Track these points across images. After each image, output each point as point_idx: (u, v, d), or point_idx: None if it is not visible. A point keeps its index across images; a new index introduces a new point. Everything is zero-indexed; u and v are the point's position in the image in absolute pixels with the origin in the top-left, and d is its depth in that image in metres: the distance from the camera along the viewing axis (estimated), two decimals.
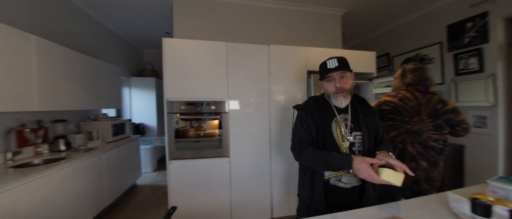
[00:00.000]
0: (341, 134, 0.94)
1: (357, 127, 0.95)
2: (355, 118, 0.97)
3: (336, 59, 0.93)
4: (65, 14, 2.25)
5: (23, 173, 1.35)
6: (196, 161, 1.77)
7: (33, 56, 1.55)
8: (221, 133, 1.84)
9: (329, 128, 0.95)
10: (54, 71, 1.75)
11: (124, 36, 3.51)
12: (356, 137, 0.94)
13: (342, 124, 0.95)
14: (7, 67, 1.37)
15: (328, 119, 0.96)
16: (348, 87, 0.94)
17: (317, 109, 0.97)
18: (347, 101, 0.95)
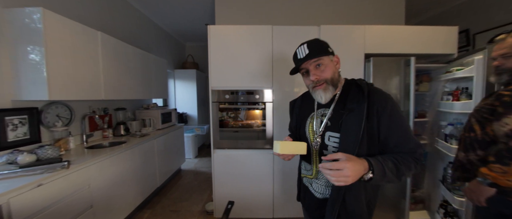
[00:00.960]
0: (313, 132, 0.80)
1: (335, 126, 0.73)
2: (337, 115, 0.74)
3: (305, 45, 0.74)
4: (123, 13, 2.47)
5: (95, 153, 1.55)
6: (238, 151, 1.75)
7: (99, 50, 1.74)
8: (265, 123, 1.77)
9: (304, 123, 0.85)
10: (115, 63, 1.94)
11: (169, 31, 3.74)
12: (330, 139, 0.74)
13: (317, 121, 0.80)
14: (82, 61, 1.56)
15: (306, 114, 0.85)
16: (328, 76, 0.73)
17: (300, 104, 0.91)
18: (329, 94, 0.75)
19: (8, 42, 1.29)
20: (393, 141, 0.68)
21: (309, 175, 0.83)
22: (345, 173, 0.56)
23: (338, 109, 0.74)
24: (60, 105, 1.65)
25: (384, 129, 0.67)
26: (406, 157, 0.66)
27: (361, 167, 0.59)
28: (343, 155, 0.60)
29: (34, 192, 1.04)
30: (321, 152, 0.77)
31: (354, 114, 0.68)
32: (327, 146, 0.75)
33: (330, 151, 0.74)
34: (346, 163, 0.57)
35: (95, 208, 1.42)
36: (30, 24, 1.28)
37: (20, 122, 1.36)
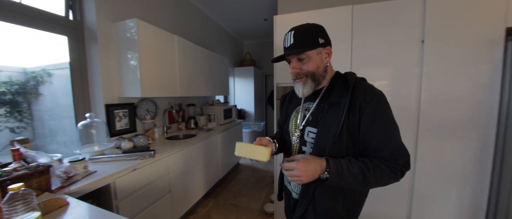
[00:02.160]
0: (295, 127, 0.78)
1: (314, 122, 0.70)
2: (318, 109, 0.71)
3: (292, 33, 0.67)
4: (193, 16, 2.73)
5: (173, 144, 1.75)
6: None
7: (176, 52, 1.95)
8: None
9: (289, 118, 0.83)
10: (188, 63, 2.15)
11: (229, 30, 3.93)
12: (309, 134, 0.71)
13: (300, 115, 0.77)
14: (163, 63, 1.79)
15: (292, 109, 0.83)
16: (310, 69, 0.68)
17: (290, 98, 0.87)
18: (307, 88, 0.70)
19: (115, 50, 1.61)
20: (373, 143, 0.62)
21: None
22: (295, 173, 0.60)
23: (321, 103, 0.71)
24: (148, 101, 1.96)
25: (363, 128, 0.62)
26: (380, 165, 0.60)
27: (316, 167, 0.60)
28: (301, 156, 0.63)
29: (130, 175, 1.24)
30: (300, 149, 0.75)
31: (334, 109, 0.65)
32: (305, 142, 0.72)
33: (308, 147, 0.72)
34: (296, 163, 0.60)
35: (173, 193, 1.61)
36: (128, 34, 1.53)
37: (123, 115, 1.69)
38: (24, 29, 1.29)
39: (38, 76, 1.93)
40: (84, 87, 1.54)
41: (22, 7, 1.22)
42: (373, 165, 0.59)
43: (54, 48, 1.81)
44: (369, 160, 0.61)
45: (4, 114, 1.81)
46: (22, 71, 1.89)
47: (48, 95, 1.96)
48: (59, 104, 1.95)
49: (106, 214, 0.76)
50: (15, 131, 1.87)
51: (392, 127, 0.62)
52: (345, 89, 0.65)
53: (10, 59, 1.80)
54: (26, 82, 1.92)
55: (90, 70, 1.54)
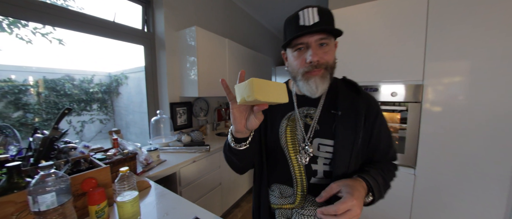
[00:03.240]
0: (293, 141, 0.58)
1: (326, 132, 0.56)
2: (327, 116, 0.57)
3: (316, 10, 0.51)
4: (240, 19, 2.85)
5: (221, 140, 1.89)
6: None
7: (226, 54, 2.08)
8: (404, 132, 1.30)
9: (276, 128, 0.61)
10: (236, 64, 2.27)
11: (272, 29, 3.95)
12: (321, 147, 0.56)
13: (299, 124, 0.59)
14: (215, 64, 1.94)
15: (278, 115, 0.62)
16: (330, 60, 0.54)
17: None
18: (325, 85, 0.55)
19: (178, 55, 1.83)
20: (381, 146, 0.59)
21: (287, 205, 0.60)
22: (355, 212, 0.43)
23: (328, 109, 0.58)
24: (202, 100, 2.16)
25: (376, 133, 0.58)
26: (390, 168, 0.60)
27: (363, 192, 0.48)
28: (340, 186, 0.48)
29: (190, 166, 1.40)
30: (308, 168, 0.58)
31: (351, 115, 0.56)
32: (316, 158, 0.57)
33: (320, 164, 0.57)
34: (353, 198, 0.43)
35: (222, 185, 1.74)
36: (189, 40, 1.72)
37: (183, 112, 1.91)
38: (111, 42, 1.59)
39: (119, 79, 2.37)
40: (155, 88, 1.81)
41: (115, 25, 1.51)
42: (387, 170, 0.58)
43: (129, 56, 2.20)
44: (380, 167, 0.58)
45: (96, 108, 2.29)
46: (107, 75, 2.36)
47: (125, 94, 2.38)
48: (132, 101, 2.35)
49: (178, 198, 0.88)
50: (103, 122, 2.35)
51: (390, 131, 0.63)
52: (353, 93, 0.59)
53: (100, 66, 2.27)
54: (110, 84, 2.38)
55: (159, 74, 1.80)
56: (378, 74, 1.34)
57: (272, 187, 0.63)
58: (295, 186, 0.59)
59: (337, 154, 0.54)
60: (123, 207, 0.67)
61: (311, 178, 0.58)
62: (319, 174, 0.58)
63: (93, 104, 2.23)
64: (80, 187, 0.70)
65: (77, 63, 2.00)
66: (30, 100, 1.73)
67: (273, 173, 0.63)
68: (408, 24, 1.22)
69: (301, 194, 0.58)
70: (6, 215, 0.56)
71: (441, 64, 1.16)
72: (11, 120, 1.62)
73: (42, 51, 1.56)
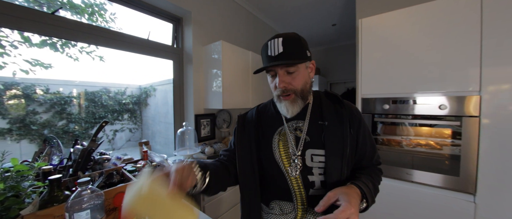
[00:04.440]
0: (287, 155, 0.60)
1: (316, 142, 0.59)
2: (315, 128, 0.61)
3: (280, 40, 0.57)
4: (262, 32, 2.89)
5: None
6: (405, 184, 1.25)
7: (249, 67, 2.09)
8: (458, 150, 1.11)
9: (269, 144, 0.63)
10: (258, 77, 2.27)
11: None
12: (314, 158, 0.59)
13: (290, 137, 0.61)
14: (239, 77, 1.94)
15: (269, 131, 0.64)
16: (298, 87, 0.59)
17: (258, 119, 0.68)
18: (296, 108, 0.61)
19: (203, 69, 1.88)
20: (367, 152, 0.64)
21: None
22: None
23: (315, 121, 0.62)
24: (225, 112, 2.17)
25: (361, 139, 0.62)
26: (377, 172, 0.65)
27: (358, 199, 0.51)
28: (337, 194, 0.49)
29: None
30: (305, 180, 0.59)
31: (336, 125, 0.60)
32: (311, 169, 0.59)
33: (316, 175, 0.58)
34: (351, 206, 0.45)
35: None
36: (214, 54, 1.77)
37: (206, 123, 1.93)
38: (143, 58, 1.69)
39: (148, 91, 2.51)
40: (181, 100, 1.87)
41: (148, 42, 1.62)
42: (375, 174, 0.63)
43: (158, 70, 2.33)
44: (367, 172, 0.62)
45: (127, 118, 2.43)
46: (138, 88, 2.52)
47: (152, 105, 2.50)
48: (159, 112, 2.46)
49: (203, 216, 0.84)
50: (132, 131, 2.48)
51: (372, 137, 0.67)
52: (334, 104, 0.64)
53: (132, 79, 2.44)
54: (140, 95, 2.53)
55: (185, 87, 1.86)
56: (419, 83, 1.20)
57: (271, 204, 0.63)
58: (294, 200, 0.60)
59: (329, 163, 0.57)
60: None
61: (309, 190, 0.59)
62: (317, 185, 0.59)
63: (124, 114, 2.38)
64: (112, 202, 0.70)
65: (113, 77, 2.18)
66: (73, 111, 1.90)
67: (271, 190, 0.63)
68: (457, 26, 1.09)
69: (301, 208, 0.59)
70: None
71: (503, 69, 0.99)
72: (56, 128, 1.79)
73: (85, 67, 1.72)
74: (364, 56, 1.37)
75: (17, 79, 1.48)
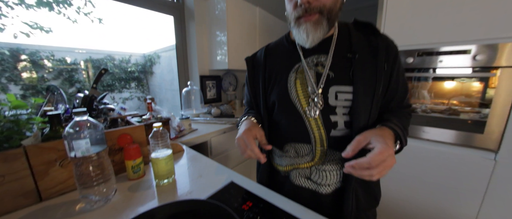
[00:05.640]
0: (305, 94, 0.53)
1: (343, 78, 0.51)
2: (341, 62, 0.52)
3: None
4: None
5: None
6: (422, 143, 1.17)
7: (257, 24, 1.92)
8: (487, 107, 0.98)
9: (284, 83, 0.56)
10: (266, 35, 2.10)
11: None
12: (339, 96, 0.51)
13: (308, 74, 0.53)
14: (245, 35, 1.81)
15: (284, 69, 0.57)
16: (327, 2, 0.47)
17: (266, 58, 0.61)
18: (319, 33, 0.49)
19: (207, 26, 1.75)
20: (399, 92, 0.55)
21: (305, 164, 0.56)
22: (390, 163, 0.39)
23: (341, 54, 0.52)
24: (231, 75, 2.09)
25: (394, 77, 0.52)
26: (407, 116, 0.57)
27: (392, 140, 0.46)
28: (368, 137, 0.43)
29: (221, 136, 1.36)
30: (327, 120, 0.52)
31: (369, 58, 0.50)
32: (334, 108, 0.51)
33: (340, 116, 0.51)
34: (388, 148, 0.40)
35: (251, 160, 1.69)
36: (218, 9, 1.61)
37: (212, 86, 1.88)
38: (144, 22, 1.59)
39: (152, 58, 2.45)
40: (185, 60, 1.79)
41: None
42: (404, 117, 0.55)
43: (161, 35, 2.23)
44: (397, 114, 0.55)
45: (134, 86, 2.43)
46: (142, 55, 2.45)
47: (157, 73, 2.46)
48: (164, 79, 2.43)
49: (212, 162, 0.83)
50: (140, 99, 2.49)
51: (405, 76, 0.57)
52: (367, 35, 0.52)
53: (136, 47, 2.37)
54: (145, 63, 2.48)
55: (189, 45, 1.77)
56: (449, 32, 1.03)
57: (286, 147, 0.59)
58: (313, 142, 0.54)
59: (358, 101, 0.49)
60: (157, 163, 0.64)
61: (330, 130, 0.53)
62: (340, 126, 0.53)
63: (131, 82, 2.37)
64: (117, 142, 0.69)
65: (116, 44, 2.13)
66: (80, 78, 1.90)
67: (285, 133, 0.59)
68: None
69: (320, 149, 0.54)
70: (50, 160, 0.56)
71: None
72: (67, 95, 1.82)
73: (87, 32, 1.68)
74: (389, 1, 1.18)
75: (21, 44, 1.46)
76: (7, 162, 0.50)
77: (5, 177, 0.50)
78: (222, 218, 0.43)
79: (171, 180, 0.68)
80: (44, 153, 0.55)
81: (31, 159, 0.53)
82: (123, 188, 0.64)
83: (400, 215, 1.28)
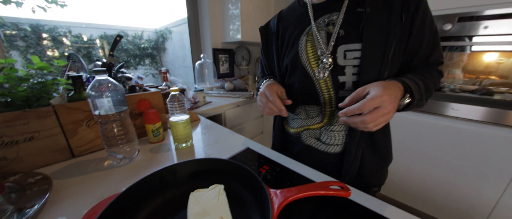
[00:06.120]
0: (315, 56, 0.52)
1: (352, 35, 0.48)
2: (352, 18, 0.48)
3: None
4: None
5: None
6: (452, 122, 1.09)
7: None
8: None
9: (296, 48, 0.55)
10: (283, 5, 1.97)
11: None
12: (347, 54, 0.48)
13: (319, 36, 0.51)
14: (258, 5, 1.70)
15: (296, 33, 0.56)
16: None
17: (279, 26, 0.60)
18: None
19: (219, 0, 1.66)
20: (422, 48, 0.48)
21: (315, 125, 0.57)
22: (385, 110, 0.37)
23: (353, 9, 0.48)
24: (244, 48, 2.03)
25: (417, 29, 0.46)
26: (433, 73, 0.50)
27: (398, 92, 0.41)
28: (368, 87, 0.40)
29: (235, 110, 1.37)
30: (335, 81, 0.51)
31: (382, 12, 0.45)
32: (343, 68, 0.50)
33: (349, 75, 0.49)
34: (382, 94, 0.37)
35: (264, 134, 1.71)
36: None
37: (225, 60, 1.85)
38: None
39: (164, 34, 2.41)
40: (197, 33, 1.75)
41: None
42: (429, 75, 0.49)
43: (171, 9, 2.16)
44: (420, 71, 0.50)
45: (148, 63, 2.45)
46: (154, 31, 2.43)
47: (170, 49, 2.44)
48: (177, 56, 2.42)
49: (228, 130, 0.84)
50: (154, 76, 2.54)
51: (436, 27, 0.49)
52: None
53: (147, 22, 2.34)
54: (157, 39, 2.46)
55: (201, 18, 1.70)
56: None
57: (297, 109, 0.61)
58: (322, 103, 0.55)
59: (366, 58, 0.47)
60: (176, 127, 0.65)
61: (338, 91, 0.52)
62: (347, 86, 0.51)
63: (145, 59, 2.39)
64: (137, 107, 0.71)
65: (128, 20, 2.11)
66: (98, 54, 1.94)
67: (297, 96, 0.58)
68: None
69: (329, 110, 0.55)
70: (77, 120, 0.59)
71: None
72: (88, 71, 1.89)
73: (99, 6, 1.68)
74: None
75: (40, 20, 1.49)
76: (40, 118, 0.53)
77: (40, 132, 0.54)
78: (243, 177, 0.43)
79: (189, 144, 0.70)
80: (71, 113, 0.58)
81: (60, 118, 0.56)
82: (145, 150, 0.67)
83: (413, 193, 1.26)
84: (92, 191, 0.47)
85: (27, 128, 0.52)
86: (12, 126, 0.50)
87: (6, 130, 0.49)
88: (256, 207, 0.38)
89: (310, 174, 0.53)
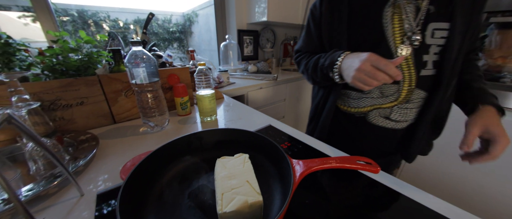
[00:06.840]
0: (402, 31, 0.47)
1: (443, 13, 0.46)
2: None
3: None
4: None
5: (289, 74, 1.74)
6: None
7: None
8: None
9: (378, 20, 0.49)
10: None
11: None
12: (435, 33, 0.47)
13: (407, 9, 0.46)
14: None
15: (374, 5, 0.49)
16: None
17: None
18: None
19: None
20: (476, 34, 0.53)
21: (388, 103, 0.53)
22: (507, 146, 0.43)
23: None
24: (268, 30, 1.98)
25: (481, 17, 0.50)
26: (479, 73, 0.55)
27: (500, 120, 0.46)
28: (481, 127, 0.45)
29: (258, 92, 1.36)
30: (418, 60, 0.48)
31: None
32: (428, 47, 0.48)
33: (431, 55, 0.48)
34: (506, 138, 0.42)
35: (286, 118, 1.69)
36: None
37: (249, 42, 1.83)
38: None
39: (190, 17, 2.46)
40: (223, 14, 1.75)
41: None
42: (476, 75, 0.55)
43: None
44: (477, 72, 0.55)
45: (177, 47, 2.56)
46: (181, 15, 2.49)
47: (196, 33, 2.49)
48: (203, 40, 2.46)
49: (251, 109, 0.85)
50: (182, 60, 2.64)
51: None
52: None
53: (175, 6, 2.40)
54: (184, 23, 2.53)
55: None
56: None
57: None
58: (401, 82, 0.51)
59: (454, 40, 0.46)
60: (202, 100, 0.68)
61: (420, 70, 0.50)
62: (428, 65, 0.50)
63: (173, 43, 2.50)
64: (167, 81, 0.75)
65: (157, 4, 2.19)
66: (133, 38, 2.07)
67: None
68: None
69: (408, 88, 0.52)
70: (117, 90, 0.66)
71: None
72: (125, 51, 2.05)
73: None
74: None
75: (84, 6, 1.63)
76: (88, 86, 0.60)
77: (88, 98, 0.61)
78: (265, 149, 0.44)
79: (214, 118, 0.73)
80: (112, 83, 0.64)
81: (104, 87, 0.63)
82: (174, 121, 0.72)
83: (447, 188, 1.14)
84: (130, 150, 0.53)
85: (78, 94, 0.59)
86: (67, 91, 0.57)
87: (62, 94, 0.57)
88: (278, 177, 0.39)
89: (334, 153, 0.52)
